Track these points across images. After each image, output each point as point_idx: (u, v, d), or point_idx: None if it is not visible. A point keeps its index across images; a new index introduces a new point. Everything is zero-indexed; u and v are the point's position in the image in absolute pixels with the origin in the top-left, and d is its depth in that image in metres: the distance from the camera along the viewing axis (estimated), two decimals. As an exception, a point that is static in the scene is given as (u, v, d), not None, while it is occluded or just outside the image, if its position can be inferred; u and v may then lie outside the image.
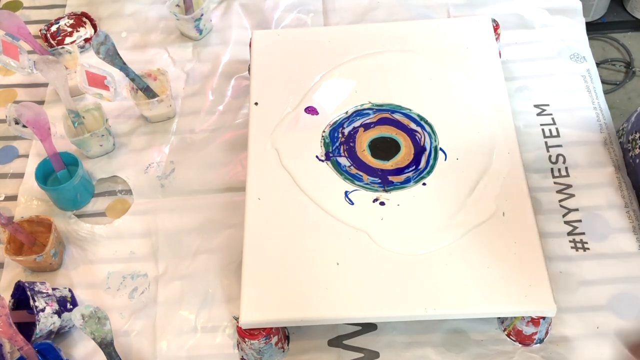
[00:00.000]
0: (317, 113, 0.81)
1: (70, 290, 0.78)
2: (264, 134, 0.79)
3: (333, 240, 0.71)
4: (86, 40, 1.01)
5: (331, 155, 0.78)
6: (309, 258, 0.70)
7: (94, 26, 1.02)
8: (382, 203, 0.74)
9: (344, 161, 0.77)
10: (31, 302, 0.71)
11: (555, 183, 0.83)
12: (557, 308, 0.67)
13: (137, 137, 0.91)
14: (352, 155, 0.78)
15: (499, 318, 0.73)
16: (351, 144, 0.79)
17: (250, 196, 0.75)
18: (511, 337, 0.73)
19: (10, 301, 0.74)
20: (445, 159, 0.77)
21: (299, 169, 0.76)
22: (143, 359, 0.74)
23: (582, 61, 0.94)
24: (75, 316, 0.69)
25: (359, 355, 0.73)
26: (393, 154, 0.78)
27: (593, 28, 1.71)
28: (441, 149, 0.77)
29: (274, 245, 0.71)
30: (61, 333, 0.76)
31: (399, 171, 0.76)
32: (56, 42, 1.00)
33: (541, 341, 0.72)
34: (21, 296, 0.74)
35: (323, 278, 0.69)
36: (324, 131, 0.80)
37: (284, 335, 0.73)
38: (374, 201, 0.74)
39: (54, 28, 1.01)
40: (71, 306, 0.76)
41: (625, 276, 0.76)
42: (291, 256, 0.71)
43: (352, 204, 0.74)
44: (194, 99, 0.95)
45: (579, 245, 0.78)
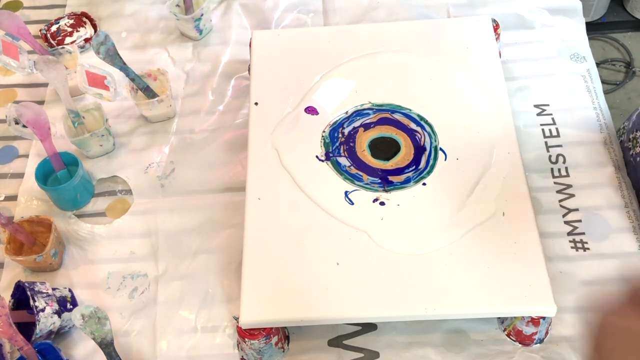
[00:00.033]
0: (317, 113, 0.81)
1: (70, 290, 0.78)
2: (264, 134, 0.79)
3: (333, 240, 0.71)
4: (86, 40, 1.01)
5: (331, 155, 0.78)
6: (309, 258, 0.70)
7: (94, 26, 1.02)
8: (382, 203, 0.74)
9: (344, 161, 0.77)
10: (31, 302, 0.71)
11: (555, 183, 0.83)
12: (557, 308, 0.67)
13: (137, 137, 0.91)
14: (352, 155, 0.78)
15: (499, 318, 0.73)
16: (351, 144, 0.79)
17: (250, 196, 0.75)
18: (511, 337, 0.73)
19: (10, 301, 0.74)
20: (445, 159, 0.77)
21: (299, 169, 0.76)
22: (143, 359, 0.74)
23: (582, 61, 0.94)
24: (75, 316, 0.69)
25: (359, 355, 0.73)
26: (393, 154, 0.78)
27: (593, 28, 1.71)
28: (441, 149, 0.77)
29: (274, 245, 0.71)
30: (61, 333, 0.75)
31: (399, 171, 0.76)
32: (56, 42, 1.00)
33: (541, 341, 0.72)
34: (21, 296, 0.74)
35: (323, 278, 0.69)
36: (324, 131, 0.80)
37: (284, 335, 0.72)
38: (374, 201, 0.74)
39: (54, 28, 1.01)
40: (71, 306, 0.76)
41: (625, 276, 0.76)
42: (291, 256, 0.71)
43: (352, 204, 0.74)
44: (194, 99, 0.95)
45: (579, 245, 0.78)
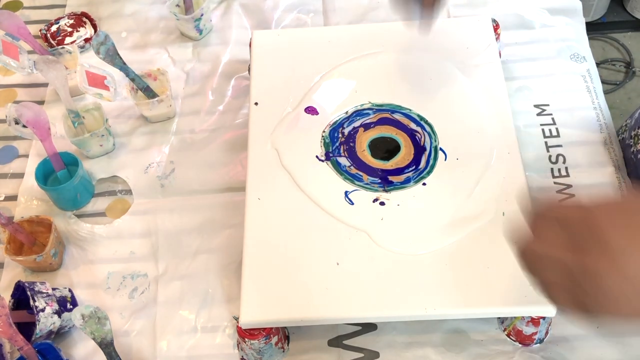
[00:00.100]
0: (317, 113, 0.81)
1: (70, 290, 0.78)
2: (264, 134, 0.79)
3: (333, 240, 0.71)
4: (86, 40, 1.01)
5: (331, 155, 0.78)
6: (309, 258, 0.70)
7: (94, 26, 1.02)
8: (382, 203, 0.74)
9: (344, 161, 0.77)
10: (31, 302, 0.71)
11: (555, 183, 0.83)
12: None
13: (137, 137, 0.91)
14: (352, 155, 0.78)
15: (499, 318, 0.73)
16: (351, 144, 0.79)
17: (250, 196, 0.75)
18: (511, 337, 0.73)
19: (10, 301, 0.74)
20: (445, 159, 0.77)
21: (299, 169, 0.76)
22: (143, 359, 0.74)
23: (582, 61, 0.94)
24: (75, 316, 0.69)
25: (359, 355, 0.73)
26: (393, 154, 0.78)
27: (593, 28, 1.72)
28: (441, 149, 0.77)
29: (274, 245, 0.71)
30: (61, 333, 0.75)
31: (399, 171, 0.76)
32: (56, 42, 1.00)
33: (541, 341, 0.72)
34: (21, 296, 0.74)
35: (323, 278, 0.69)
36: (324, 131, 0.80)
37: (284, 335, 0.72)
38: (374, 201, 0.74)
39: (54, 28, 1.01)
40: (71, 306, 0.76)
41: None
42: (291, 256, 0.71)
43: (352, 204, 0.74)
44: (194, 99, 0.95)
45: (579, 245, 0.78)
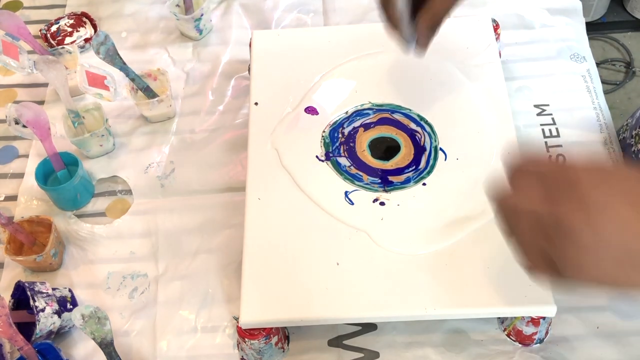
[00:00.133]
0: (317, 113, 0.81)
1: (70, 290, 0.78)
2: (264, 134, 0.79)
3: (333, 240, 0.71)
4: (86, 40, 1.01)
5: (331, 155, 0.78)
6: (309, 258, 0.70)
7: (94, 26, 1.02)
8: (382, 203, 0.74)
9: (344, 161, 0.77)
10: (31, 302, 0.71)
11: (555, 183, 0.83)
12: (557, 308, 0.67)
13: (137, 137, 0.91)
14: (352, 155, 0.78)
15: (499, 318, 0.73)
16: (351, 144, 0.79)
17: (250, 196, 0.75)
18: (511, 337, 0.73)
19: (10, 301, 0.74)
20: (445, 159, 0.77)
21: (299, 169, 0.76)
22: (143, 359, 0.74)
23: (582, 61, 0.94)
24: (75, 316, 0.69)
25: (359, 355, 0.73)
26: (393, 154, 0.78)
27: (593, 28, 1.71)
28: (441, 149, 0.77)
29: (274, 245, 0.71)
30: (61, 333, 0.75)
31: (399, 171, 0.76)
32: (56, 42, 1.00)
33: (541, 341, 0.72)
34: (21, 296, 0.74)
35: (323, 278, 0.69)
36: (324, 131, 0.80)
37: (284, 335, 0.72)
38: (374, 201, 0.74)
39: (54, 28, 1.01)
40: (71, 306, 0.76)
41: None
42: (291, 256, 0.71)
43: (352, 204, 0.74)
44: (194, 99, 0.94)
45: (579, 245, 0.78)
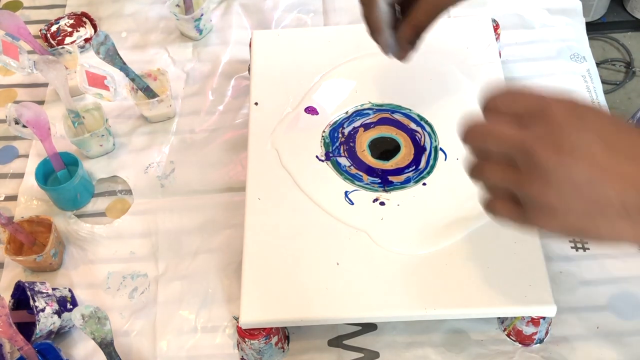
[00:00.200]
0: (317, 113, 0.81)
1: (70, 290, 0.78)
2: (264, 134, 0.79)
3: (333, 240, 0.71)
4: (86, 40, 1.01)
5: (331, 155, 0.78)
6: (309, 258, 0.70)
7: (94, 26, 1.02)
8: (382, 203, 0.74)
9: (344, 161, 0.77)
10: (31, 302, 0.71)
11: (555, 183, 0.83)
12: (557, 308, 0.67)
13: (137, 137, 0.91)
14: (352, 155, 0.78)
15: (499, 318, 0.73)
16: (351, 144, 0.79)
17: (250, 196, 0.75)
18: (511, 337, 0.73)
19: (10, 301, 0.74)
20: (445, 159, 0.77)
21: (299, 169, 0.76)
22: (143, 359, 0.74)
23: (582, 61, 0.94)
24: (75, 316, 0.69)
25: (359, 355, 0.73)
26: (393, 154, 0.78)
27: (593, 28, 1.72)
28: (441, 149, 0.77)
29: (274, 245, 0.71)
30: (61, 333, 0.75)
31: (399, 171, 0.76)
32: (56, 42, 1.00)
33: (541, 341, 0.72)
34: (21, 296, 0.74)
35: (323, 278, 0.69)
36: (324, 131, 0.80)
37: (284, 335, 0.72)
38: (374, 201, 0.74)
39: (54, 28, 1.01)
40: (71, 306, 0.76)
41: (625, 276, 0.76)
42: (291, 256, 0.71)
43: (352, 204, 0.74)
44: (194, 99, 0.94)
45: (579, 245, 0.78)
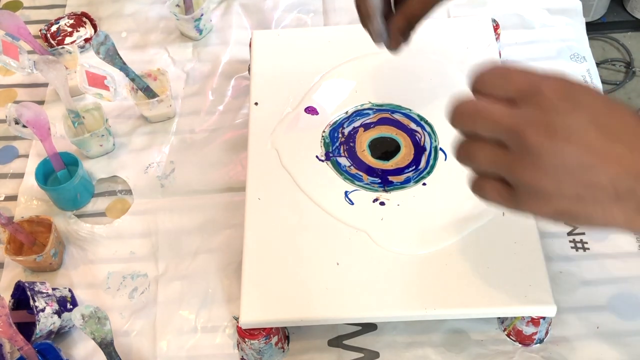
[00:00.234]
0: (317, 113, 0.81)
1: (70, 290, 0.78)
2: (264, 134, 0.79)
3: (333, 240, 0.71)
4: (86, 40, 1.01)
5: (331, 155, 0.78)
6: (309, 258, 0.70)
7: (94, 26, 1.02)
8: (382, 203, 0.74)
9: (344, 161, 0.77)
10: (31, 302, 0.71)
11: (555, 183, 0.83)
12: (557, 308, 0.67)
13: (137, 137, 0.91)
14: (352, 155, 0.78)
15: (499, 318, 0.73)
16: (351, 144, 0.79)
17: (250, 196, 0.75)
18: (511, 337, 0.73)
19: (10, 301, 0.74)
20: (445, 159, 0.77)
21: (299, 169, 0.76)
22: (143, 359, 0.74)
23: (582, 61, 0.94)
24: (75, 316, 0.69)
25: (359, 355, 0.73)
26: (393, 154, 0.78)
27: (593, 28, 1.72)
28: (441, 149, 0.77)
29: (274, 245, 0.71)
30: (61, 333, 0.75)
31: (399, 171, 0.76)
32: (56, 42, 1.00)
33: (541, 341, 0.72)
34: (21, 296, 0.74)
35: (323, 278, 0.69)
36: (324, 131, 0.80)
37: (284, 335, 0.72)
38: (374, 201, 0.74)
39: (54, 28, 1.01)
40: (71, 306, 0.76)
41: (625, 276, 0.76)
42: (291, 256, 0.71)
43: (352, 204, 0.74)
44: (194, 99, 0.94)
45: (579, 245, 0.78)
